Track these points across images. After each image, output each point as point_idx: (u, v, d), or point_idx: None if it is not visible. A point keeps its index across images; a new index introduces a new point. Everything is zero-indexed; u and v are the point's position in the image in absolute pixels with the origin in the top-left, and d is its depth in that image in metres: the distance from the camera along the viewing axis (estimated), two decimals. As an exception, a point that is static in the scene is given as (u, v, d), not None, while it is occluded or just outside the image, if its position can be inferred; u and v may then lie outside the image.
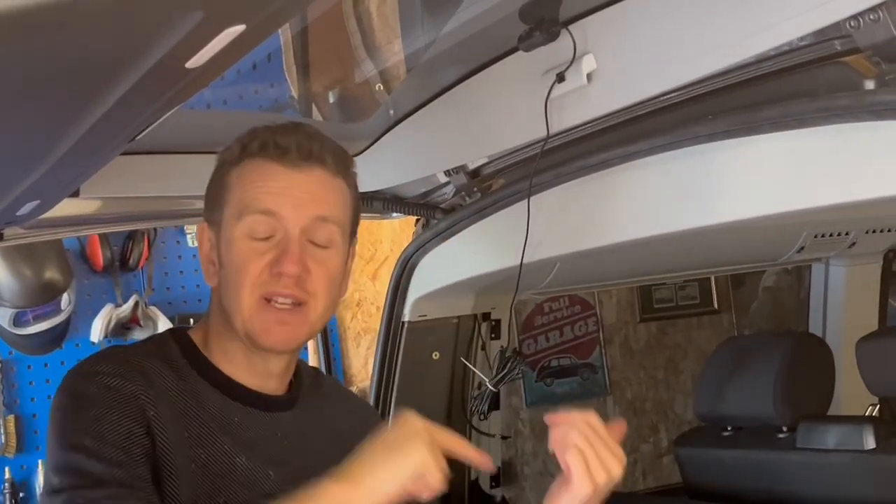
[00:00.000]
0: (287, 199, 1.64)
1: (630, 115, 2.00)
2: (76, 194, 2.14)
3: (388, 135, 2.47)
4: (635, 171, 2.00)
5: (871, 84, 1.60)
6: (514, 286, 2.32)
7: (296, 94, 2.76)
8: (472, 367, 2.80)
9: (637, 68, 1.89)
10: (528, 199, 2.18)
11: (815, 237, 2.87)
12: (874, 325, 3.33)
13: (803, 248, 2.91)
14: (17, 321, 4.17)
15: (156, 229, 4.51)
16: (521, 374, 2.70)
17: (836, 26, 1.56)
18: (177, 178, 2.37)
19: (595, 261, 2.48)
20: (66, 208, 2.17)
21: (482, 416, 2.78)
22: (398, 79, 2.63)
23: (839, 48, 1.65)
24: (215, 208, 1.69)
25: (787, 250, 2.91)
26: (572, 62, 1.94)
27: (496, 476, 2.94)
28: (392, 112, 2.50)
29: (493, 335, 2.88)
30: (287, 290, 1.63)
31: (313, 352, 4.54)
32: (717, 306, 5.24)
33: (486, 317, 2.86)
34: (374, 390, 2.78)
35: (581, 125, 2.07)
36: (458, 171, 2.46)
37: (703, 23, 1.75)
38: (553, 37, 1.94)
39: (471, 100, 2.27)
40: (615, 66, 1.92)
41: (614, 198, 2.09)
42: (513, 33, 2.00)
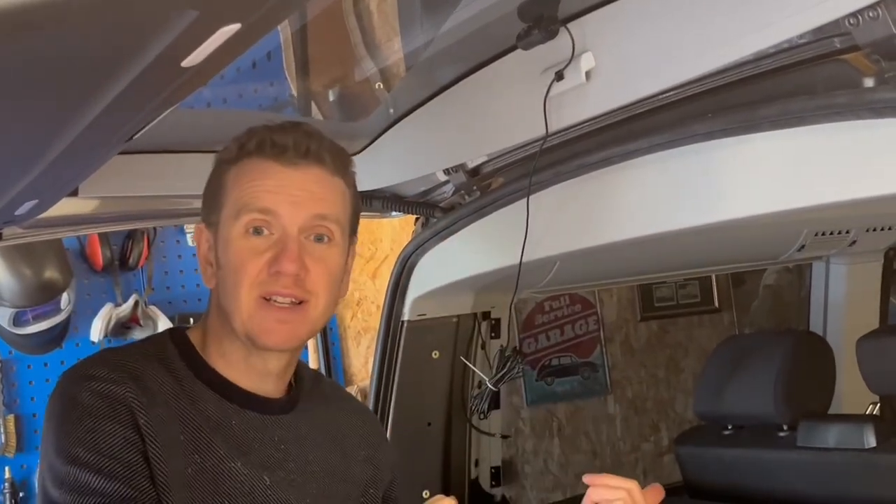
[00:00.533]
0: (285, 198, 1.63)
1: (629, 113, 2.00)
2: (75, 194, 2.14)
3: (387, 133, 2.47)
4: (634, 169, 2.00)
5: (870, 82, 1.59)
6: (514, 285, 2.31)
7: (295, 93, 2.75)
8: (472, 367, 2.80)
9: (636, 66, 1.89)
10: (527, 198, 2.18)
11: (816, 235, 2.87)
12: (875, 324, 3.32)
13: (804, 247, 2.90)
14: (17, 321, 4.17)
15: (155, 229, 4.51)
16: (521, 373, 2.70)
17: (836, 24, 1.56)
18: (176, 177, 2.37)
19: (595, 259, 2.47)
20: (66, 208, 2.16)
21: (482, 415, 2.78)
22: (398, 77, 2.62)
23: (838, 46, 1.65)
24: (213, 209, 1.68)
25: (787, 249, 2.91)
26: (571, 60, 1.93)
27: (496, 474, 2.94)
28: (392, 111, 2.50)
29: (492, 334, 2.88)
30: (286, 290, 1.62)
31: (313, 351, 4.54)
32: (717, 305, 5.24)
33: (486, 316, 2.86)
34: (373, 389, 2.78)
35: (580, 123, 2.07)
36: (457, 169, 2.46)
37: (703, 21, 1.74)
38: (551, 35, 1.94)
39: (470, 98, 2.27)
40: (614, 65, 1.92)
41: (614, 196, 2.09)
42: (511, 31, 1.99)
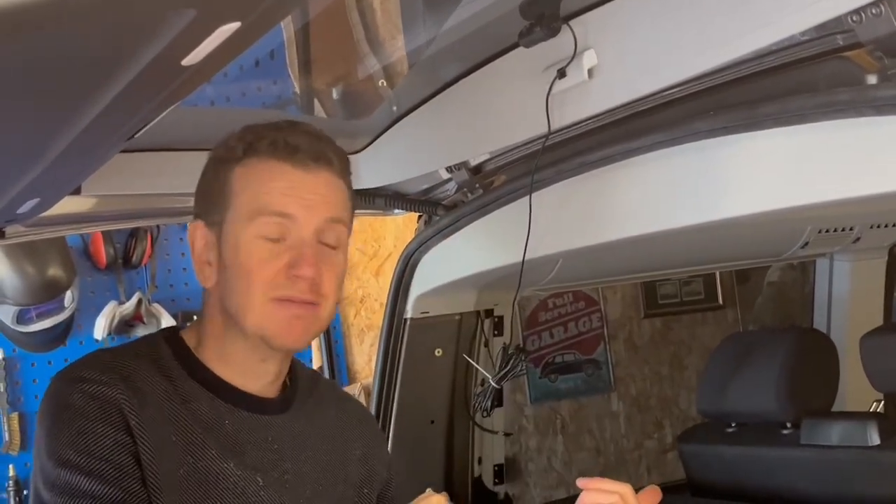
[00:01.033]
0: (300, 201, 1.63)
1: (631, 110, 2.00)
2: (78, 192, 2.14)
3: (390, 131, 2.47)
4: (637, 167, 2.00)
5: (873, 79, 1.59)
6: (517, 282, 2.31)
7: (298, 91, 2.75)
8: (475, 364, 2.79)
9: (638, 64, 1.88)
10: (529, 196, 2.17)
11: (819, 232, 2.86)
12: (879, 321, 3.32)
13: (807, 244, 2.90)
14: (21, 319, 4.18)
15: (158, 226, 4.51)
16: (524, 371, 2.70)
17: (838, 21, 1.55)
18: (180, 175, 2.37)
19: (598, 257, 2.47)
20: (68, 206, 2.16)
21: (485, 413, 2.78)
22: (400, 75, 2.62)
23: (841, 43, 1.64)
24: (214, 208, 1.66)
25: (791, 246, 2.90)
26: (573, 58, 1.93)
27: (499, 472, 2.94)
28: (394, 108, 2.50)
29: (495, 332, 2.88)
30: (303, 295, 1.63)
31: (317, 349, 4.54)
32: (721, 302, 5.24)
33: (489, 313, 2.86)
34: (376, 387, 2.78)
35: (582, 121, 2.07)
36: (459, 167, 2.46)
37: (705, 18, 1.74)
38: (554, 32, 1.93)
39: (472, 96, 2.27)
40: (616, 62, 1.91)
41: (616, 194, 2.09)
42: (514, 29, 1.99)
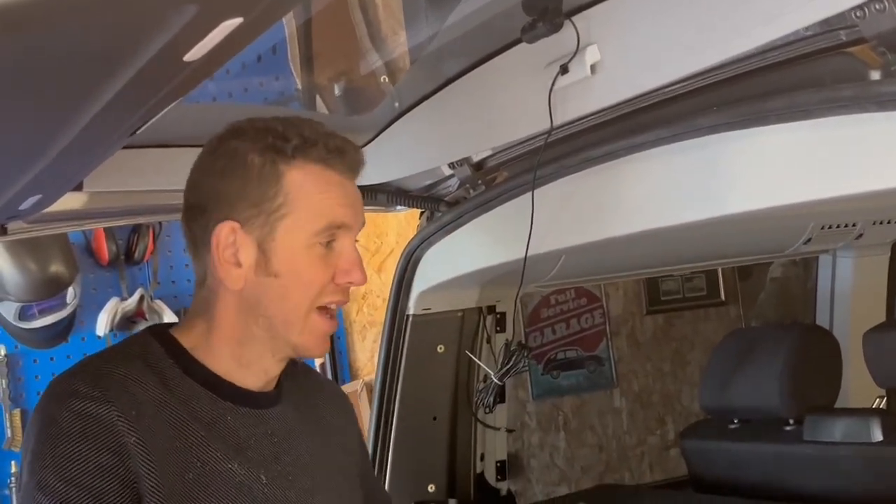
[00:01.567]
0: (352, 210, 1.65)
1: (634, 106, 1.99)
2: (80, 188, 2.14)
3: (392, 127, 2.47)
4: (640, 163, 1.99)
5: (876, 74, 1.59)
6: (519, 279, 2.31)
7: (300, 86, 2.75)
8: (478, 361, 2.79)
9: (641, 59, 1.88)
10: (532, 192, 2.17)
11: (822, 229, 2.86)
12: (882, 317, 3.31)
13: (810, 240, 2.89)
14: (23, 315, 4.18)
15: (161, 223, 4.51)
16: (526, 367, 2.69)
17: (842, 17, 1.55)
18: (181, 171, 2.35)
19: (600, 253, 2.47)
20: (70, 202, 2.17)
21: (488, 410, 2.78)
22: (403, 70, 2.62)
23: (844, 38, 1.64)
24: (259, 210, 1.60)
25: (793, 242, 2.90)
26: (576, 53, 1.93)
27: (502, 468, 2.94)
28: (397, 104, 2.49)
29: (498, 328, 2.87)
30: (344, 299, 1.66)
31: (319, 345, 4.53)
32: (724, 298, 5.23)
33: (491, 310, 2.85)
34: (379, 384, 2.78)
35: (585, 117, 2.06)
36: (462, 163, 2.46)
37: (708, 14, 1.74)
38: (556, 28, 1.93)
39: (474, 92, 2.26)
40: (619, 58, 1.91)
41: (619, 190, 2.08)
42: (516, 25, 1.99)
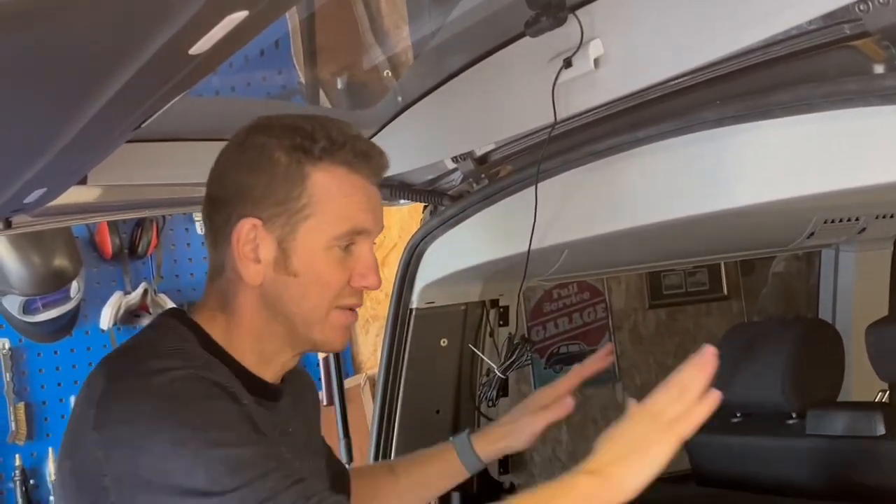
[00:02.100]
0: (373, 216, 1.67)
1: (638, 100, 1.99)
2: (84, 182, 2.14)
3: (395, 121, 2.47)
4: (643, 156, 1.99)
5: (880, 68, 1.59)
6: (522, 273, 2.31)
7: (303, 81, 2.75)
8: (481, 354, 2.80)
9: (644, 53, 1.88)
10: (535, 186, 2.17)
11: (825, 223, 2.86)
12: (884, 311, 3.31)
13: (813, 234, 2.89)
14: (27, 309, 4.19)
15: (164, 217, 4.52)
16: (529, 361, 2.70)
17: (846, 10, 1.55)
18: (185, 165, 2.37)
19: (603, 247, 2.47)
20: (74, 196, 2.17)
21: (491, 403, 2.78)
22: (406, 65, 2.62)
23: (848, 32, 1.64)
24: (282, 209, 1.61)
25: (796, 236, 2.90)
26: (579, 47, 1.93)
27: (504, 462, 2.94)
28: (400, 98, 2.49)
29: (501, 322, 2.88)
30: (360, 302, 1.69)
31: (322, 339, 4.54)
32: (726, 292, 5.23)
33: (495, 303, 2.86)
34: (382, 377, 2.78)
35: (589, 111, 2.06)
36: (465, 157, 2.46)
37: (711, 7, 1.74)
38: (560, 22, 1.93)
39: (478, 86, 2.26)
40: (622, 52, 1.91)
41: (622, 184, 2.08)
42: (519, 19, 1.99)
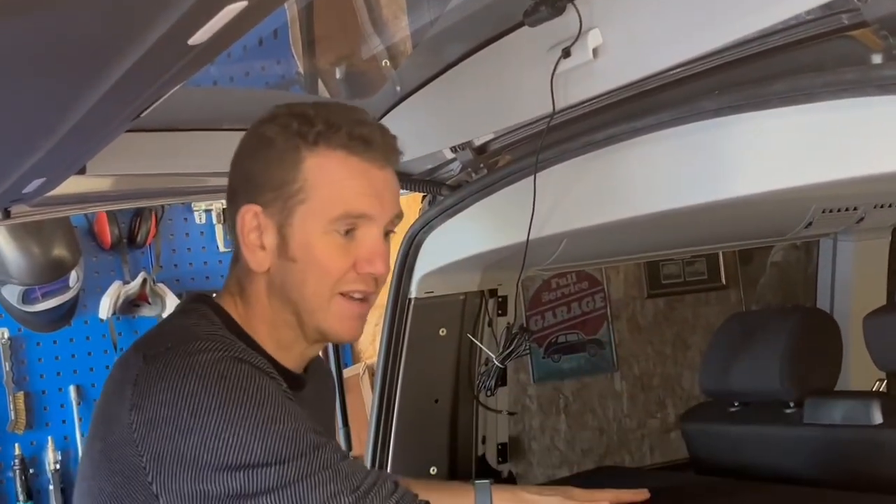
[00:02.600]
0: (376, 201, 1.65)
1: (636, 90, 1.99)
2: (83, 172, 2.14)
3: (394, 111, 2.47)
4: (642, 146, 1.99)
5: (878, 58, 1.58)
6: (521, 262, 2.32)
7: (302, 70, 2.75)
8: (479, 344, 2.80)
9: (643, 43, 1.88)
10: (534, 176, 2.18)
11: (823, 212, 2.86)
12: (882, 301, 3.32)
13: (811, 224, 2.90)
14: (26, 298, 4.20)
15: (163, 206, 4.52)
16: (528, 351, 2.70)
17: (844, 0, 1.55)
18: (184, 155, 2.38)
19: (602, 237, 2.47)
20: (73, 186, 2.17)
21: (489, 392, 2.78)
22: (404, 54, 2.62)
23: (846, 22, 1.64)
24: (279, 195, 1.62)
25: (794, 226, 2.90)
26: (578, 37, 1.93)
27: (503, 451, 2.95)
28: (398, 88, 2.49)
29: (499, 311, 2.88)
30: (369, 289, 1.66)
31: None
32: (724, 282, 5.24)
33: (493, 293, 2.86)
34: (381, 366, 2.79)
35: (587, 100, 2.06)
36: (464, 147, 2.46)
37: (710, -3, 1.74)
38: (559, 11, 1.93)
39: (477, 75, 2.26)
40: (621, 41, 1.91)
41: (621, 173, 2.08)
42: (518, 9, 1.99)
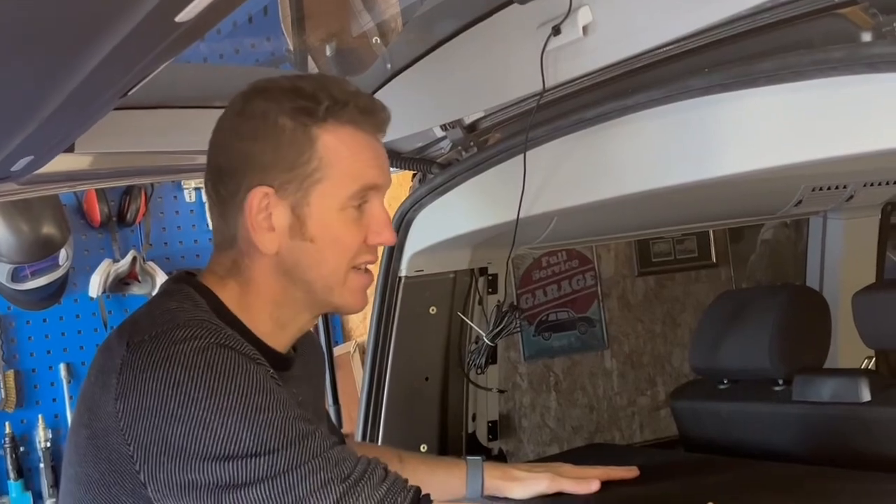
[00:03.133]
0: (381, 171, 1.67)
1: (626, 68, 1.99)
2: (71, 150, 2.13)
3: (384, 89, 2.46)
4: (632, 124, 1.99)
5: (867, 36, 1.58)
6: (511, 241, 2.32)
7: (292, 48, 2.74)
8: (469, 322, 2.80)
9: (633, 21, 1.88)
10: (524, 154, 2.17)
11: (813, 190, 2.87)
12: (871, 279, 3.33)
13: (801, 202, 2.90)
14: (16, 277, 4.19)
15: (153, 184, 4.51)
16: (518, 329, 2.70)
17: (834, -23, 1.55)
18: (173, 132, 2.37)
19: (592, 215, 2.47)
20: (62, 164, 2.15)
21: (479, 370, 2.79)
22: (395, 32, 2.61)
23: (836, 0, 1.64)
24: (292, 175, 1.59)
25: (784, 204, 2.91)
26: (568, 15, 1.92)
27: (493, 429, 2.96)
28: (389, 66, 2.48)
29: (489, 289, 2.88)
30: (375, 259, 1.68)
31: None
32: (715, 260, 5.26)
33: (483, 271, 2.86)
34: (371, 345, 2.79)
35: (577, 78, 2.06)
36: (454, 125, 2.46)
37: (700, -26, 1.73)
38: (549, -11, 1.93)
39: (467, 53, 2.26)
40: (611, 19, 1.91)
41: (611, 152, 2.08)
42: (509, -14, 1.98)
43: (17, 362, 4.43)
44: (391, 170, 2.67)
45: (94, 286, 4.44)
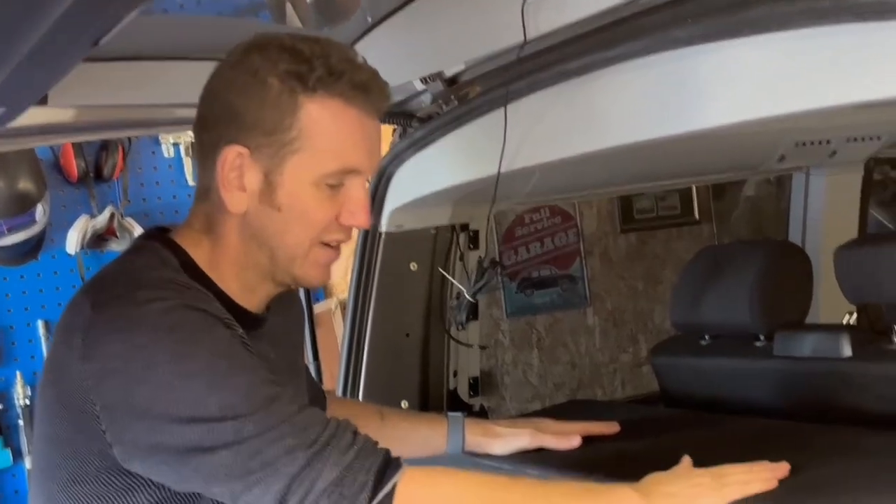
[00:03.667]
0: (369, 155, 1.62)
1: (608, 19, 1.96)
2: (44, 102, 2.09)
3: (362, 40, 2.42)
4: (614, 76, 1.96)
5: (854, -16, 1.56)
6: (492, 196, 2.30)
7: (271, -3, 2.69)
8: (450, 278, 2.79)
9: (616, -30, 1.85)
10: (505, 107, 2.15)
11: (796, 145, 2.85)
12: (854, 234, 3.33)
13: (784, 157, 2.89)
14: (-8, 232, 4.15)
15: (130, 139, 4.47)
16: (499, 285, 2.69)
17: (821, -75, 1.52)
18: (150, 85, 2.32)
19: (574, 169, 2.45)
20: (35, 116, 2.12)
21: (460, 326, 2.78)
22: (375, -18, 2.57)
23: (823, -52, 1.61)
24: (270, 139, 1.56)
25: (767, 159, 2.89)
26: (550, -36, 1.89)
27: (475, 385, 2.95)
28: (369, 18, 2.45)
29: (471, 245, 2.87)
30: (347, 238, 1.65)
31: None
32: (697, 216, 5.26)
33: (465, 227, 2.85)
34: (351, 301, 2.78)
35: (559, 29, 2.03)
36: (434, 78, 2.42)
37: (685, -78, 1.71)
38: (530, -63, 1.89)
39: (447, 4, 2.22)
40: (594, -32, 1.88)
41: (593, 104, 2.06)
42: (489, -66, 1.95)
43: (-6, 319, 4.41)
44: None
45: (72, 242, 4.40)
